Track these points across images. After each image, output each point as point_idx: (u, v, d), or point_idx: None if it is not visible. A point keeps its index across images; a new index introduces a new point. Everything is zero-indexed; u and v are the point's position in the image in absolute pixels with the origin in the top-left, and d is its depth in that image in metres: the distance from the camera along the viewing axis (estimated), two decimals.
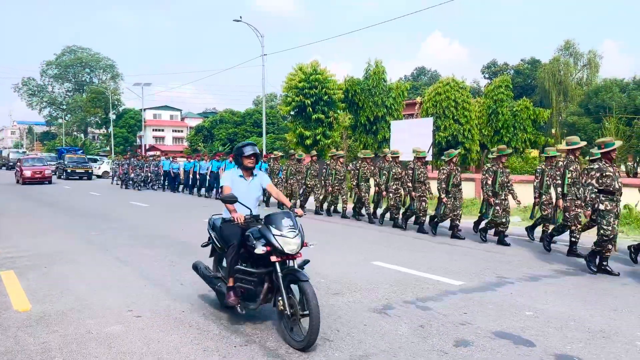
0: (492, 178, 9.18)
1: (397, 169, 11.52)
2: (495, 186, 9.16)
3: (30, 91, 79.36)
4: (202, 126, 63.31)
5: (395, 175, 11.47)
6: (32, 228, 10.96)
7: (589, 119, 33.04)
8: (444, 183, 9.86)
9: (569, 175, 8.04)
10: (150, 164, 24.60)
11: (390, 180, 11.47)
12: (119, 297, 5.58)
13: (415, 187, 10.57)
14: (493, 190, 9.15)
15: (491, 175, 9.20)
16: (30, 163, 28.15)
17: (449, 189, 9.85)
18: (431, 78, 67.22)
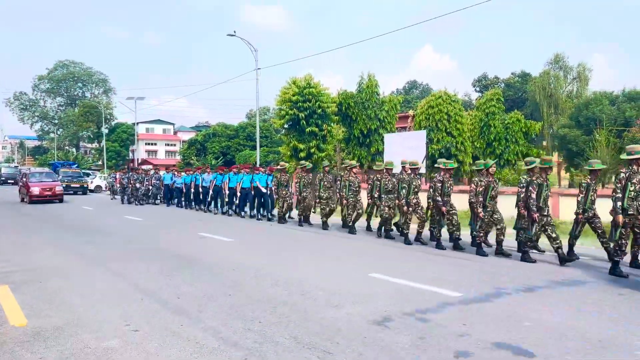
0: (537, 191, 8.43)
1: (417, 182, 10.78)
2: (539, 200, 8.46)
3: (22, 105, 79.11)
4: (195, 140, 63.27)
5: (416, 189, 10.68)
6: (26, 243, 10.86)
7: (580, 131, 33.37)
8: (481, 196, 9.20)
9: (631, 188, 7.37)
10: (151, 177, 23.76)
11: (411, 194, 10.65)
12: (116, 311, 5.53)
13: (445, 201, 9.89)
14: (538, 205, 8.41)
15: (535, 188, 8.43)
16: (38, 178, 24.37)
17: (487, 202, 9.19)
18: (423, 91, 67.76)
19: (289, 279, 7.12)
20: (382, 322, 5.15)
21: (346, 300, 5.97)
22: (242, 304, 5.83)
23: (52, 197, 23.22)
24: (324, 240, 11.40)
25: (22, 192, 24.48)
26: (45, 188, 23.06)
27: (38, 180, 24.00)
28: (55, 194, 23.33)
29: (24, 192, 24.09)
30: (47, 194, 23.00)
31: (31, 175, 24.60)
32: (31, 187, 22.95)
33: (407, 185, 10.67)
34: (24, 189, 23.87)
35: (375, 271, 7.66)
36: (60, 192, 23.78)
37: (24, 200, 23.88)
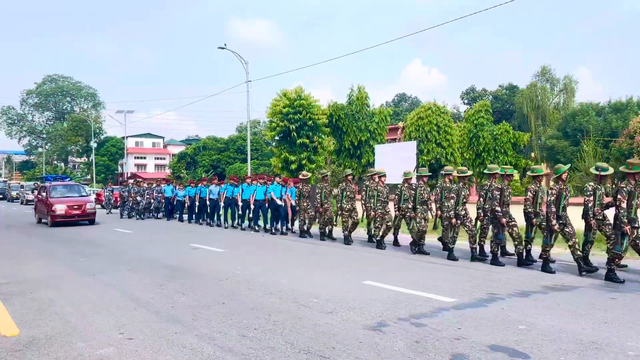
0: (628, 199, 7.54)
1: (466, 191, 9.76)
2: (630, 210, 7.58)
3: (10, 120, 78.47)
4: (185, 153, 63.06)
5: (464, 199, 9.59)
6: (14, 255, 10.74)
7: (568, 142, 33.79)
8: (554, 205, 8.11)
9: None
10: (152, 190, 22.47)
11: (460, 204, 9.50)
12: (109, 320, 5.48)
13: (505, 212, 9.14)
14: (629, 217, 7.56)
15: (624, 196, 7.55)
16: (62, 192, 19.38)
17: (560, 212, 8.14)
18: (412, 104, 68.31)
19: (282, 287, 7.10)
20: (377, 327, 5.16)
21: (340, 307, 5.97)
22: (236, 312, 5.81)
23: (82, 218, 18.28)
24: (317, 250, 11.39)
25: (40, 211, 19.58)
26: (73, 206, 18.06)
27: (62, 195, 19.02)
28: (85, 212, 18.30)
29: (41, 210, 19.27)
30: (75, 213, 17.99)
31: (53, 188, 19.31)
32: (54, 204, 17.85)
33: (455, 195, 9.58)
34: (43, 207, 18.96)
35: (369, 279, 7.67)
36: (92, 210, 18.66)
37: (42, 221, 19.33)
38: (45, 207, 18.52)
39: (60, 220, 17.75)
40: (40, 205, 19.67)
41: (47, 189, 19.07)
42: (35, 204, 20.80)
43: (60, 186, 20.08)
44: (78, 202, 18.47)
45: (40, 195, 19.93)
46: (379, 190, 11.62)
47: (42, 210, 19.06)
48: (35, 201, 21.65)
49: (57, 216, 17.71)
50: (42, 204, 19.08)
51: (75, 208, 18.11)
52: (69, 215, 17.85)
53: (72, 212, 17.98)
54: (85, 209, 18.34)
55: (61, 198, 18.56)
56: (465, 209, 9.55)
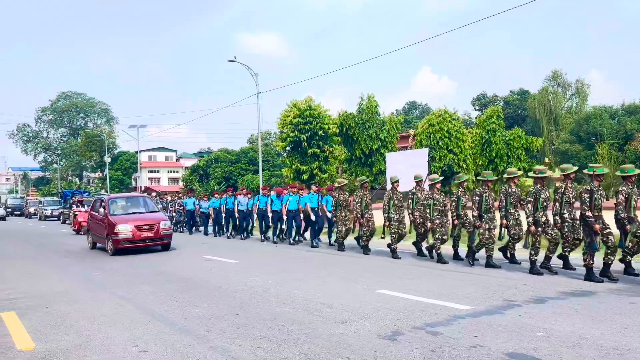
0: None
1: (546, 194, 8.73)
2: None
3: (25, 137, 79.81)
4: (198, 166, 63.52)
5: (544, 203, 8.63)
6: (29, 270, 10.84)
7: (581, 146, 33.47)
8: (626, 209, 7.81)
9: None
10: (174, 203, 21.92)
11: (539, 209, 8.53)
12: (124, 333, 5.49)
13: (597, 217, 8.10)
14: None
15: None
16: (123, 207, 14.63)
17: (632, 214, 7.85)
18: (422, 111, 68.24)
19: (296, 298, 7.06)
20: (392, 336, 5.09)
21: (354, 317, 5.91)
22: (250, 323, 5.78)
23: (155, 242, 13.60)
24: (332, 260, 11.34)
25: (95, 233, 14.80)
26: (143, 225, 13.39)
27: (124, 210, 14.45)
28: (159, 235, 13.51)
29: (97, 232, 14.49)
30: (146, 235, 13.34)
31: (112, 202, 14.57)
32: (117, 224, 13.21)
33: (533, 199, 8.50)
34: (99, 228, 14.20)
35: (383, 288, 7.61)
36: (168, 231, 13.88)
37: (97, 246, 15.00)
38: (103, 227, 13.79)
39: (126, 246, 13.09)
40: (95, 225, 14.69)
41: (106, 203, 14.21)
42: (88, 223, 15.78)
43: (121, 199, 15.46)
44: (148, 220, 13.63)
45: (96, 212, 14.77)
46: (435, 198, 10.33)
47: (99, 232, 14.25)
48: (89, 224, 15.91)
49: (122, 240, 13.00)
50: (99, 223, 14.19)
51: (145, 228, 13.28)
52: (137, 238, 13.11)
53: (142, 235, 13.19)
54: (159, 230, 13.41)
55: (125, 215, 13.87)
56: (546, 215, 8.58)
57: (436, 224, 10.24)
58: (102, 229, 13.87)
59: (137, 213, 14.19)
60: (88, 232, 15.85)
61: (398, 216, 11.11)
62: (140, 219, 13.63)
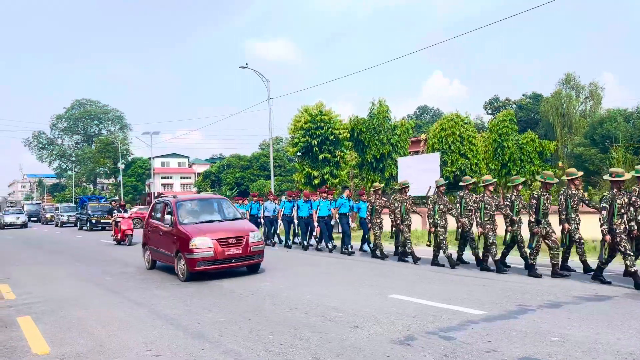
0: None
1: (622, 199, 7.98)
2: None
3: (41, 144, 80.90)
4: (210, 172, 64.00)
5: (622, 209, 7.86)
6: (45, 275, 10.97)
7: (596, 150, 33.10)
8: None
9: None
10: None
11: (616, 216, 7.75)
12: (137, 338, 5.53)
13: None
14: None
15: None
16: (194, 212, 10.73)
17: None
18: (434, 116, 67.98)
19: (307, 302, 7.06)
20: (404, 341, 5.07)
21: (367, 321, 5.90)
22: (262, 327, 5.79)
23: (244, 261, 9.92)
24: (340, 264, 11.32)
25: (156, 249, 11.05)
26: (227, 239, 9.61)
27: (196, 217, 10.50)
28: (249, 251, 9.81)
29: (160, 247, 10.76)
30: (232, 253, 9.57)
31: (180, 206, 10.59)
32: (193, 236, 9.45)
33: (608, 205, 7.76)
34: (165, 242, 10.45)
35: (395, 292, 7.58)
36: (259, 246, 10.06)
37: (157, 265, 11.42)
38: (170, 241, 10.06)
39: (205, 268, 9.27)
40: (156, 238, 10.89)
41: (173, 208, 10.29)
42: (145, 235, 11.72)
43: (191, 201, 11.17)
44: (233, 230, 9.80)
45: (157, 220, 11.07)
46: (486, 201, 9.57)
47: (163, 247, 10.49)
48: (145, 235, 11.78)
49: (200, 260, 9.16)
50: (164, 235, 10.44)
51: (231, 243, 9.46)
52: (221, 257, 9.32)
53: (227, 252, 9.39)
54: (249, 245, 9.65)
55: (200, 224, 9.99)
56: (624, 222, 7.74)
57: (487, 229, 9.43)
58: (169, 244, 10.07)
59: (216, 221, 10.25)
60: (145, 247, 11.64)
61: (444, 222, 10.35)
62: (222, 230, 9.71)
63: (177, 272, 9.71)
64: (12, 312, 7.04)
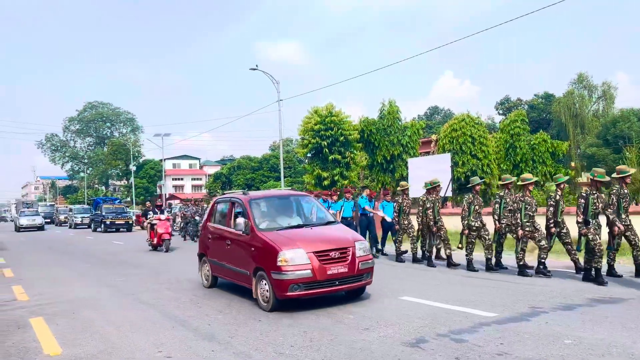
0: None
1: None
2: None
3: (53, 147, 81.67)
4: (221, 173, 64.27)
5: None
6: (58, 277, 11.06)
7: (609, 150, 32.77)
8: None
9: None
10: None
11: None
12: (148, 339, 5.55)
13: None
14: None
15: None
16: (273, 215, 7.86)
17: None
18: (445, 117, 67.65)
19: (318, 304, 7.03)
20: (415, 343, 5.03)
21: (377, 323, 5.87)
22: (272, 329, 5.79)
23: (352, 283, 7.03)
24: None
25: (222, 263, 8.21)
26: (328, 252, 6.81)
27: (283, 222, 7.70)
28: (357, 270, 6.94)
29: (230, 261, 7.94)
30: (336, 272, 6.75)
31: (255, 203, 7.89)
32: (283, 248, 6.70)
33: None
34: (234, 254, 7.80)
35: (406, 294, 7.53)
36: (368, 260, 7.18)
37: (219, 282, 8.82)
38: (244, 253, 7.46)
39: (301, 293, 6.66)
40: (222, 248, 8.21)
41: (246, 208, 7.68)
42: (203, 243, 9.11)
43: (266, 199, 8.43)
44: (334, 240, 7.15)
45: (222, 224, 8.48)
46: (527, 201, 9.05)
47: (233, 262, 7.85)
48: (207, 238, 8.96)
49: (294, 283, 6.60)
50: (232, 246, 7.86)
51: (334, 258, 6.85)
52: (322, 278, 6.70)
53: (329, 270, 6.76)
54: (355, 260, 6.98)
55: (286, 230, 7.36)
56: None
57: (527, 232, 8.99)
58: (242, 257, 7.45)
59: (306, 226, 7.56)
60: (202, 259, 8.96)
61: (479, 223, 9.73)
62: (320, 239, 7.05)
63: (256, 297, 6.97)
64: (25, 313, 7.10)
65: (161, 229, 16.09)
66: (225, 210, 8.59)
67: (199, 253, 9.21)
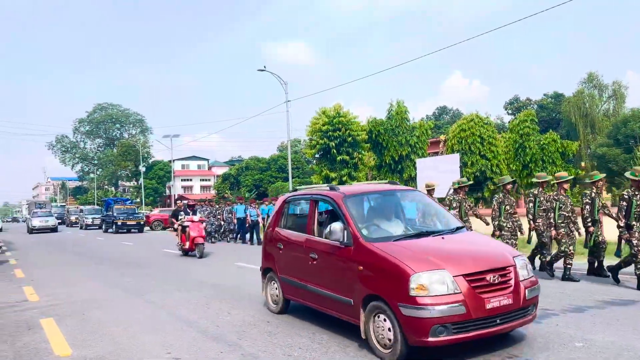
0: None
1: None
2: None
3: (64, 148, 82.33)
4: (229, 174, 64.41)
5: None
6: (69, 277, 11.14)
7: (619, 150, 32.47)
8: None
9: None
10: (223, 211, 20.38)
11: None
12: (157, 340, 5.57)
13: None
14: None
15: None
16: (374, 217, 5.66)
17: None
18: (453, 117, 67.39)
19: None
20: None
21: None
22: (281, 331, 5.79)
23: (517, 318, 4.73)
24: None
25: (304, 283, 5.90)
26: (483, 275, 4.57)
27: (397, 230, 5.46)
28: (524, 300, 4.75)
29: (331, 284, 5.41)
30: (498, 305, 4.52)
31: (352, 201, 5.65)
32: (417, 268, 4.48)
33: None
34: (333, 272, 5.43)
35: None
36: (533, 287, 4.94)
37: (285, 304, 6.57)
38: (348, 274, 5.16)
39: (452, 338, 4.38)
40: (299, 263, 6.07)
41: (342, 208, 5.47)
42: (269, 255, 6.91)
43: (365, 196, 6.01)
44: (487, 257, 4.91)
45: (300, 231, 6.21)
46: (561, 200, 8.61)
47: (322, 284, 5.61)
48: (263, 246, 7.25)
49: (440, 321, 4.32)
50: (320, 261, 5.65)
51: (492, 284, 4.58)
52: (479, 315, 4.43)
53: (490, 303, 4.48)
54: (520, 286, 4.75)
55: (409, 241, 5.09)
56: None
57: (561, 234, 8.54)
58: (340, 278, 5.39)
59: (435, 234, 5.48)
60: (268, 275, 6.93)
61: (512, 224, 9.23)
62: (465, 254, 5.01)
63: (366, 338, 4.90)
64: (35, 314, 7.16)
65: (194, 232, 14.25)
66: (305, 211, 6.54)
67: (263, 267, 7.05)
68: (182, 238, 14.76)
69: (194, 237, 14.12)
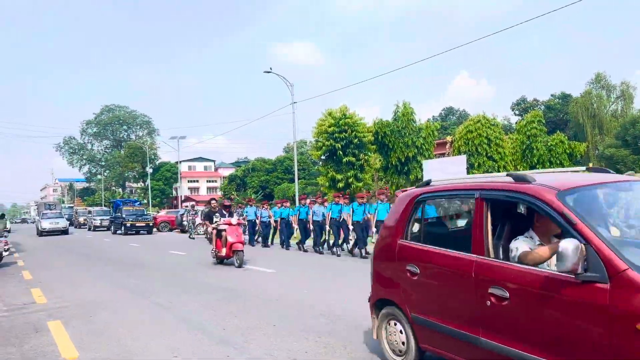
0: None
1: None
2: None
3: (71, 149, 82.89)
4: (235, 175, 64.62)
5: None
6: (76, 279, 11.18)
7: (628, 151, 32.24)
8: None
9: None
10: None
11: None
12: (163, 343, 5.57)
13: None
14: None
15: None
16: None
17: None
18: (460, 117, 67.17)
19: (332, 309, 7.02)
20: None
21: None
22: (287, 334, 5.78)
23: None
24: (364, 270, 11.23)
25: (476, 335, 3.47)
26: None
27: None
28: None
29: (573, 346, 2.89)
30: None
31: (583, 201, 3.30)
32: None
33: None
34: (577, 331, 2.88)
35: None
36: None
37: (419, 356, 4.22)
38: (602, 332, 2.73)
39: None
40: (468, 301, 3.59)
41: (568, 215, 3.02)
42: (389, 280, 4.52)
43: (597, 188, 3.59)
44: None
45: (462, 251, 3.75)
46: None
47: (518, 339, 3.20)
48: None
49: None
50: (520, 301, 3.21)
51: None
52: None
53: None
54: None
55: None
56: None
57: None
58: (570, 338, 2.92)
59: None
60: (386, 309, 4.63)
61: None
62: None
63: None
64: (42, 317, 7.19)
65: (232, 237, 12.16)
66: (463, 216, 4.93)
67: (377, 298, 4.77)
68: (217, 244, 12.65)
69: (232, 243, 12.10)
